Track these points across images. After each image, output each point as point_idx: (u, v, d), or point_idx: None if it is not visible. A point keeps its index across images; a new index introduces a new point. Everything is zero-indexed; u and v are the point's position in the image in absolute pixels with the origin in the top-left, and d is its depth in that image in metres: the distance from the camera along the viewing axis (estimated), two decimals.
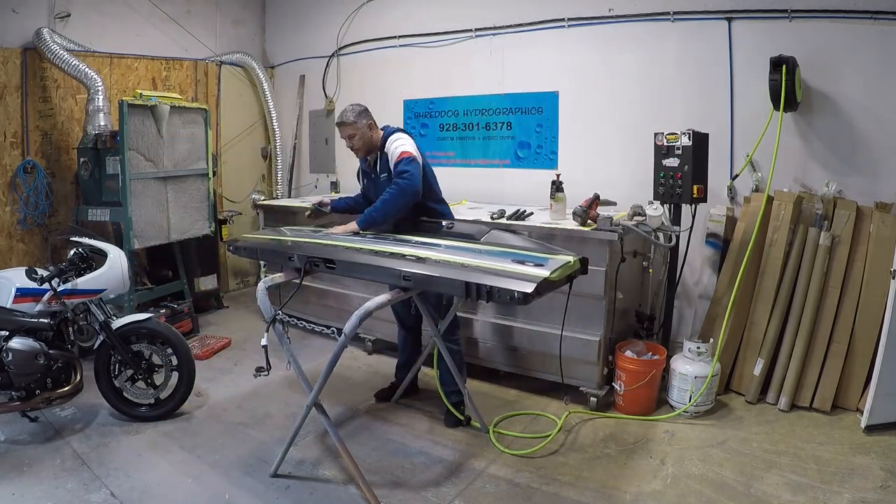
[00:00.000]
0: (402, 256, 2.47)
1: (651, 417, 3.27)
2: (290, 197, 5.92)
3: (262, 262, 4.95)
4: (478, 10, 4.75)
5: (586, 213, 3.28)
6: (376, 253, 2.52)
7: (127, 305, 4.01)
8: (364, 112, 3.14)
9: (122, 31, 4.93)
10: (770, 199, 3.55)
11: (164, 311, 4.33)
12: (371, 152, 3.18)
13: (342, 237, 2.88)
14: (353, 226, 2.97)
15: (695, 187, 3.38)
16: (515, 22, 4.58)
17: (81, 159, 4.27)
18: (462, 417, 3.20)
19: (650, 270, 3.77)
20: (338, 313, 4.16)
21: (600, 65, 4.26)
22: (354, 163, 6.28)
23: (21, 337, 2.86)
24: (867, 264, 3.33)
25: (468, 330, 3.69)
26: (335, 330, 2.49)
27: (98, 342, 3.12)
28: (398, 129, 3.22)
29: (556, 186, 3.63)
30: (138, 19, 5.04)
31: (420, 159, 3.06)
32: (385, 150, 3.11)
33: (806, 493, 2.56)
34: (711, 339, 3.42)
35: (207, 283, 5.17)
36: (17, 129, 4.29)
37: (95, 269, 3.09)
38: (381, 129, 3.20)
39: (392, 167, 3.03)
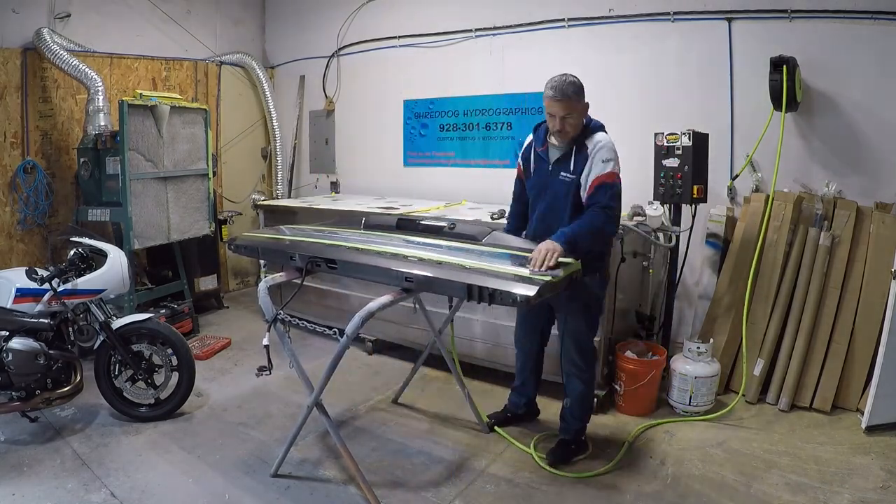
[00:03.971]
0: (404, 257, 2.47)
1: (651, 420, 3.27)
2: (290, 197, 5.92)
3: (262, 263, 4.95)
4: (478, 10, 4.75)
5: None
6: (378, 253, 2.52)
7: (127, 305, 4.01)
8: (582, 89, 2.62)
9: (122, 31, 4.93)
10: (770, 199, 3.55)
11: (164, 311, 4.33)
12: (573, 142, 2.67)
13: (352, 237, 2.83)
14: (557, 248, 2.39)
15: (695, 187, 3.39)
16: (516, 22, 4.58)
17: (81, 159, 4.26)
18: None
19: (650, 270, 3.76)
20: (339, 314, 4.15)
21: (600, 65, 4.25)
22: (355, 164, 6.19)
23: (21, 337, 2.86)
24: (867, 264, 3.34)
25: (467, 329, 3.68)
26: (337, 331, 2.48)
27: (98, 342, 3.12)
28: (602, 127, 2.72)
29: None
30: (138, 19, 5.04)
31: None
32: (588, 148, 2.61)
33: (806, 493, 2.57)
34: (711, 339, 3.42)
35: (207, 283, 5.17)
36: (18, 129, 4.29)
37: (95, 269, 3.09)
38: None
39: (590, 182, 2.57)
